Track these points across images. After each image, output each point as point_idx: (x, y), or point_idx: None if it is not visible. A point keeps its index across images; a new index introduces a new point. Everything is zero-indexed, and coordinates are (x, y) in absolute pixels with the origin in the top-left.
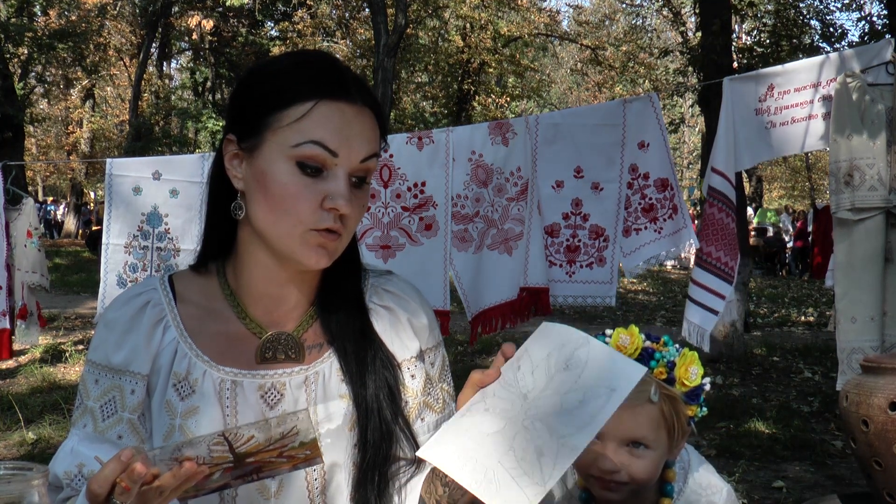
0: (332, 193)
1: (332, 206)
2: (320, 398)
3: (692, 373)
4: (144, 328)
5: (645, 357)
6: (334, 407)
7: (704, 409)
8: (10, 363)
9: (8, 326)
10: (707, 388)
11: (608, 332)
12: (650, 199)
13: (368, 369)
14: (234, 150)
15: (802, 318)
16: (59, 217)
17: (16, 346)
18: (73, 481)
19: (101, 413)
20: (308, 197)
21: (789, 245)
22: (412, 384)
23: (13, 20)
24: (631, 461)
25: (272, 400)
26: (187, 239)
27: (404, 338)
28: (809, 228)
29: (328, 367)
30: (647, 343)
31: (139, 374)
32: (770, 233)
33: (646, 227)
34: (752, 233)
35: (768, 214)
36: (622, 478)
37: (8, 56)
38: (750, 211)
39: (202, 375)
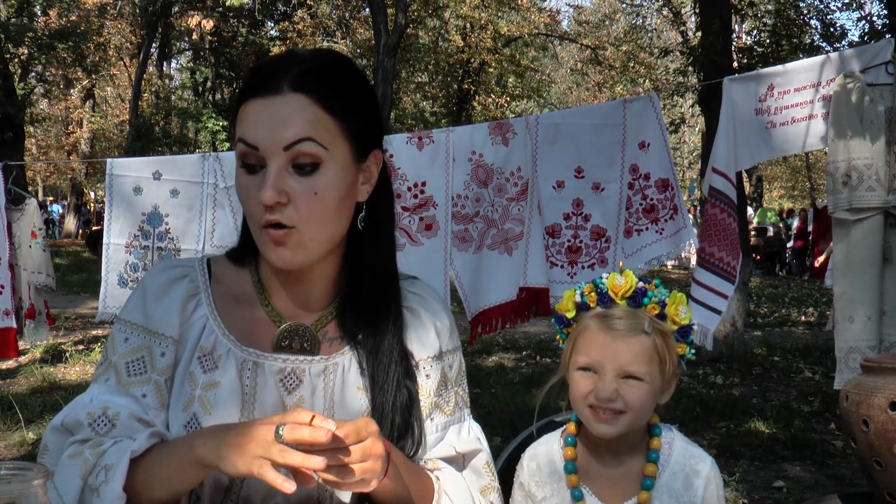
0: (261, 187)
1: (258, 198)
2: (338, 388)
3: (682, 312)
4: (179, 296)
5: (638, 295)
6: (351, 398)
7: (692, 350)
8: (11, 363)
9: (14, 325)
10: (695, 328)
11: (604, 276)
12: (651, 199)
13: (390, 378)
14: None
15: (803, 317)
16: (52, 215)
17: (24, 345)
18: (96, 422)
19: (126, 369)
20: (251, 195)
21: (789, 245)
22: (426, 384)
23: (13, 20)
24: (626, 390)
25: (290, 385)
26: (188, 239)
27: (425, 338)
28: (809, 228)
29: (347, 359)
30: (641, 284)
31: (170, 338)
32: (770, 232)
33: (647, 228)
34: (753, 232)
35: (768, 214)
36: (618, 405)
37: (8, 56)
38: (750, 211)
39: (226, 353)
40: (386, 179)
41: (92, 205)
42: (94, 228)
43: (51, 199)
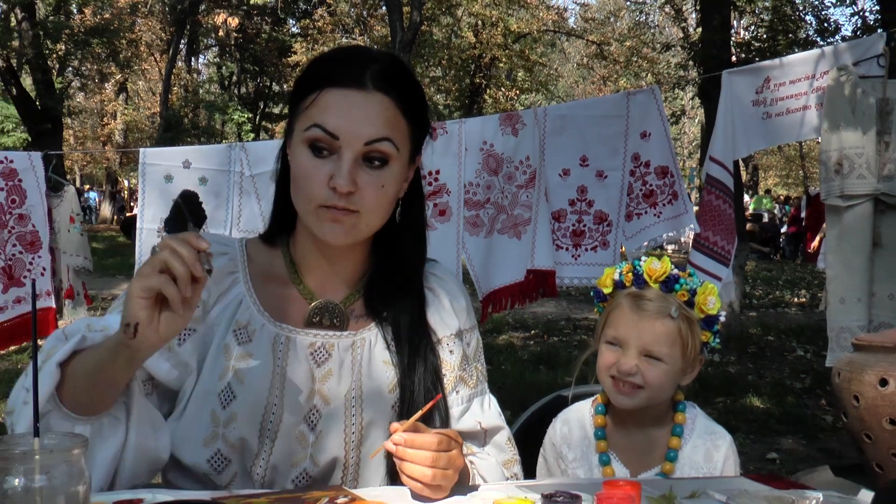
0: (334, 173)
1: (333, 184)
2: (365, 362)
3: (710, 302)
4: (217, 269)
5: (671, 281)
6: (378, 371)
7: (717, 339)
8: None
9: (53, 305)
10: (722, 319)
11: (643, 258)
12: (650, 185)
13: (418, 354)
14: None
15: (796, 299)
16: (90, 202)
17: (63, 324)
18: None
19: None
20: (316, 176)
21: (783, 231)
22: (450, 359)
23: (51, 18)
24: (646, 368)
25: (320, 358)
26: (216, 224)
27: (445, 316)
28: (803, 214)
29: (374, 335)
30: (675, 271)
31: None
32: (765, 218)
33: (646, 212)
34: (749, 218)
35: (764, 201)
36: (638, 381)
37: (47, 52)
38: (746, 198)
39: (260, 328)
40: (419, 180)
41: (126, 192)
42: (127, 214)
43: (87, 186)
